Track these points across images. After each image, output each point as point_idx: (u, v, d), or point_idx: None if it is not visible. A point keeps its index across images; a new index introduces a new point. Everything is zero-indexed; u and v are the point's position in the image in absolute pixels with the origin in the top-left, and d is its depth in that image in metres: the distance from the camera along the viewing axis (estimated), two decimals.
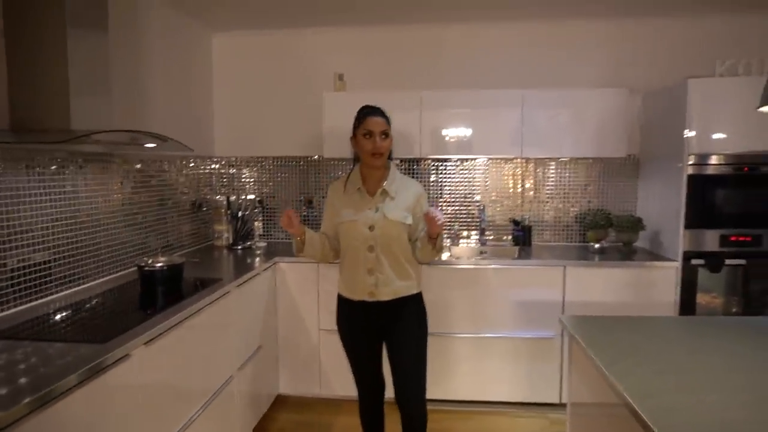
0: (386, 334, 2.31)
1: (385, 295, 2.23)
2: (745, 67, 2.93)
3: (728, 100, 2.93)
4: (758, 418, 1.25)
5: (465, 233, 3.86)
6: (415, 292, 2.29)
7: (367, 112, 2.22)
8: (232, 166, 4.03)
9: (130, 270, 2.82)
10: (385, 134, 2.19)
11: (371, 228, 2.19)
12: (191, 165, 3.65)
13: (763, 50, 3.34)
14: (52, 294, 2.33)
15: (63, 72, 2.02)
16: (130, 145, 2.35)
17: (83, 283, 2.52)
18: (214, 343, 2.45)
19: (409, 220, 2.23)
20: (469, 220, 3.86)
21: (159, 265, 2.53)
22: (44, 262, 2.28)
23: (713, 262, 3.04)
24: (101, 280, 2.64)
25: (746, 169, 2.98)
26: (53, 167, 2.33)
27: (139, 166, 2.98)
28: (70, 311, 2.14)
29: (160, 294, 2.44)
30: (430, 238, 2.15)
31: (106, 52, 2.29)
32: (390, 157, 2.30)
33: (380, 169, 2.25)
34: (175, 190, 3.41)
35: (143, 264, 2.52)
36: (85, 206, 2.53)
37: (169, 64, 3.28)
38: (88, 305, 2.23)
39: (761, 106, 1.22)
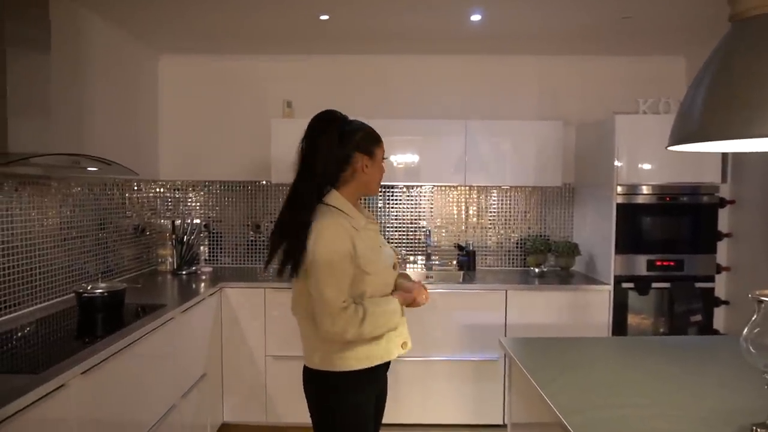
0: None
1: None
2: (664, 105, 3.20)
3: (651, 135, 3.17)
4: (678, 429, 1.35)
5: (411, 258, 3.94)
6: None
7: (378, 134, 1.80)
8: (178, 189, 3.97)
9: (68, 296, 2.71)
10: None
11: (394, 267, 1.82)
12: (135, 188, 3.57)
13: (678, 90, 3.65)
14: None
15: (1, 93, 1.97)
16: (70, 168, 2.29)
17: (15, 311, 2.40)
18: (156, 371, 2.38)
19: None
20: (415, 245, 3.95)
21: (98, 291, 2.46)
22: None
23: (641, 285, 3.25)
24: (35, 307, 2.53)
25: (668, 198, 3.23)
26: None
27: (78, 189, 2.90)
28: None
29: (100, 321, 2.37)
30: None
31: (47, 72, 2.25)
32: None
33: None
34: (117, 214, 3.32)
35: (81, 290, 2.44)
36: (18, 230, 2.43)
37: (113, 86, 3.23)
38: (20, 334, 2.13)
39: (670, 145, 1.36)
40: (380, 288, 1.73)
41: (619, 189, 3.23)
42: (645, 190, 3.24)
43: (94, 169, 2.33)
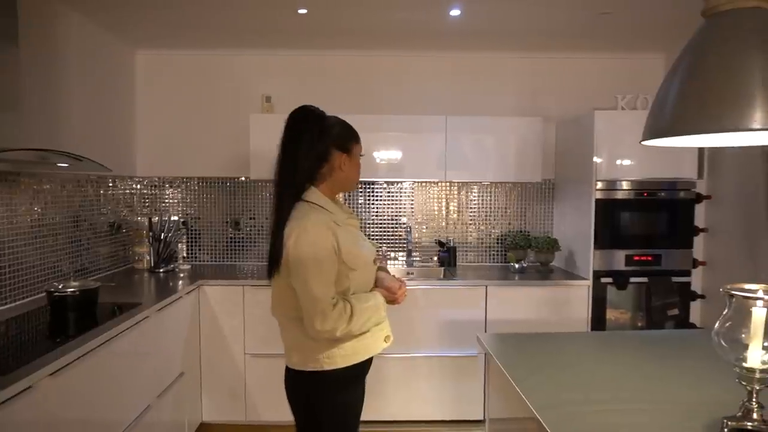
0: None
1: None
2: (642, 101, 3.22)
3: (630, 131, 3.17)
4: (652, 422, 1.36)
5: (392, 254, 3.93)
6: None
7: (355, 131, 1.80)
8: (155, 186, 3.90)
9: (39, 296, 2.65)
10: None
11: (375, 262, 1.81)
12: (110, 185, 3.50)
13: (657, 87, 3.68)
14: None
15: None
16: (40, 164, 2.23)
17: None
18: (131, 371, 2.34)
19: None
20: (396, 241, 3.93)
21: (70, 289, 2.40)
22: None
23: (620, 280, 3.27)
24: (5, 307, 2.46)
25: (646, 194, 3.26)
26: None
27: (48, 186, 2.82)
28: None
29: (72, 321, 2.31)
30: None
31: (15, 65, 2.19)
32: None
33: None
34: (91, 211, 3.25)
35: (53, 289, 2.38)
36: None
37: (88, 81, 3.16)
38: None
39: (644, 139, 1.36)
40: (363, 284, 1.72)
41: (598, 184, 3.25)
42: (623, 185, 3.26)
43: (65, 164, 2.27)
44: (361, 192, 3.90)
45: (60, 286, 2.41)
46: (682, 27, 3.11)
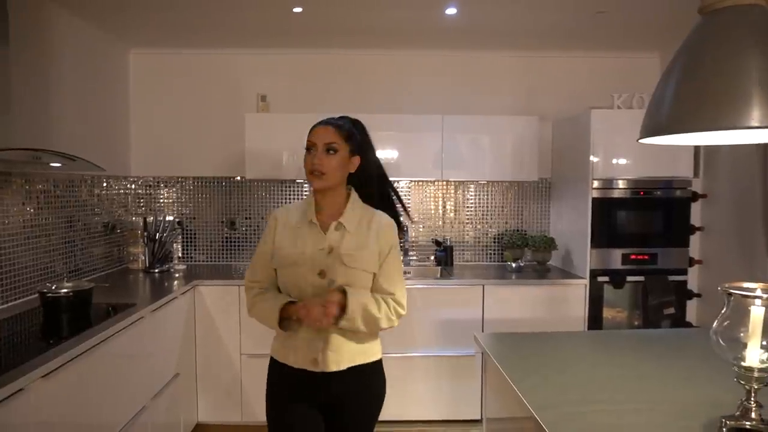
0: (332, 414, 1.77)
1: (335, 363, 1.68)
2: (638, 100, 3.22)
3: (626, 129, 3.18)
4: (649, 422, 1.35)
5: None
6: (375, 359, 1.79)
7: (317, 122, 1.75)
8: (150, 186, 3.88)
9: (32, 297, 2.63)
10: (333, 149, 1.67)
11: (321, 274, 1.67)
12: (104, 185, 3.47)
13: (653, 86, 3.67)
14: None
15: None
16: (32, 163, 2.20)
17: None
18: (126, 373, 2.32)
19: (373, 267, 1.71)
20: None
21: (64, 290, 2.38)
22: None
23: (616, 278, 3.27)
24: None
25: (642, 193, 3.26)
26: None
27: (41, 186, 2.79)
28: None
29: (65, 322, 2.29)
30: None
31: (6, 64, 2.17)
32: (361, 184, 1.80)
33: (338, 196, 1.74)
34: (85, 211, 3.23)
35: (46, 290, 2.36)
36: None
37: (82, 80, 3.13)
38: None
39: (640, 137, 1.35)
40: (290, 287, 1.73)
41: (595, 183, 3.24)
42: (620, 184, 3.26)
43: (58, 164, 2.24)
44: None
45: (53, 287, 2.39)
46: (677, 26, 3.11)
